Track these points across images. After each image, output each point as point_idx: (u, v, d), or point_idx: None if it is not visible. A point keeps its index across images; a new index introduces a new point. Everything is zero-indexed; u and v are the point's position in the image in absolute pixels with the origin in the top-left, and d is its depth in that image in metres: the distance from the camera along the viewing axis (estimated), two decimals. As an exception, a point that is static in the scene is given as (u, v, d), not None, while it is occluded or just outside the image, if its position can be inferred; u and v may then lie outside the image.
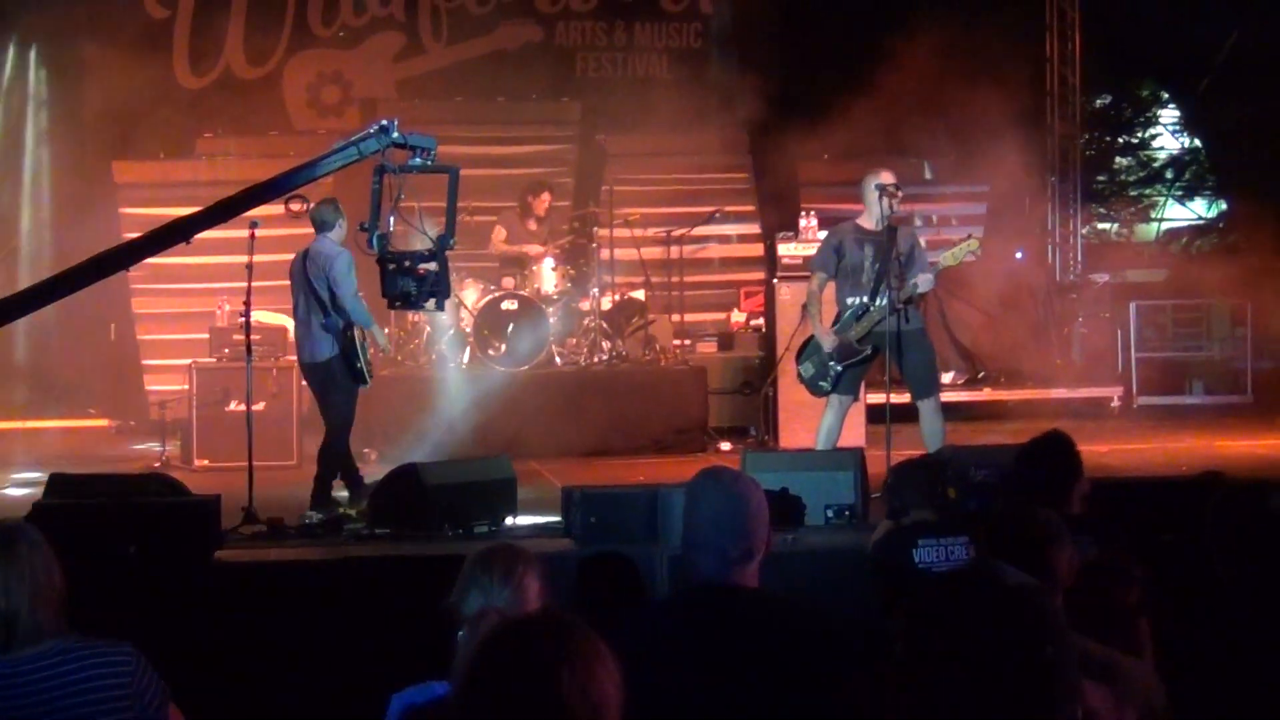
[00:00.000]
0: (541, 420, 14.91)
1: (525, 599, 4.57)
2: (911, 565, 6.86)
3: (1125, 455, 14.07)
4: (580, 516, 8.87)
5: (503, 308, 15.32)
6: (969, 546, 6.89)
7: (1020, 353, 18.53)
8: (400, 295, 7.98)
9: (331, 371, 11.48)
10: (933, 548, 6.93)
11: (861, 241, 11.62)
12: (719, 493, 4.69)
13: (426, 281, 7.94)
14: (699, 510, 4.68)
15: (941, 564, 6.82)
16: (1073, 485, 6.76)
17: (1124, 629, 4.87)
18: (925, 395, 11.59)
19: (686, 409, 15.48)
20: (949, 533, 6.88)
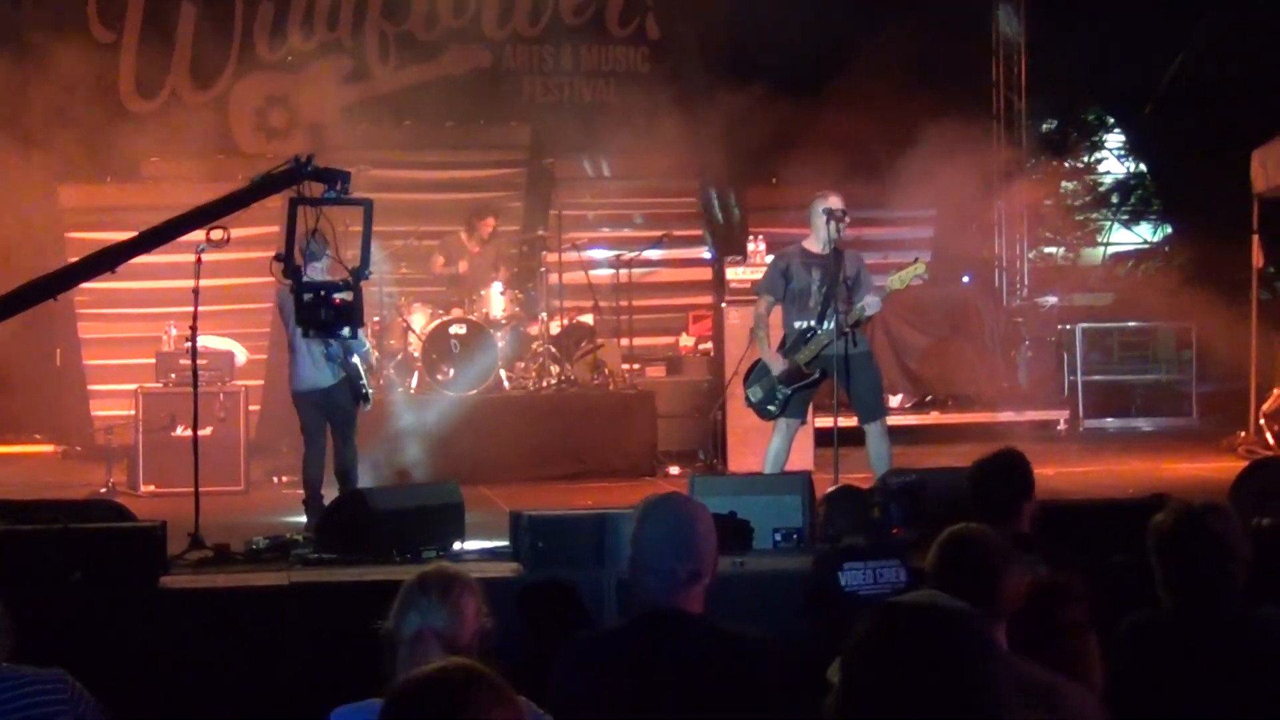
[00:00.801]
0: (490, 445, 14.90)
1: (463, 618, 4.57)
2: (838, 588, 6.90)
3: (1072, 478, 14.14)
4: (528, 541, 8.86)
5: (451, 332, 15.31)
6: (900, 570, 6.93)
7: (967, 376, 18.63)
8: (316, 323, 8.19)
9: (333, 397, 12.00)
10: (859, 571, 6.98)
11: (808, 265, 11.69)
12: (667, 515, 4.71)
13: (342, 310, 8.08)
14: (647, 532, 4.70)
15: (870, 587, 6.86)
16: (1024, 503, 6.80)
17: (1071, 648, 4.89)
18: (872, 418, 11.65)
19: (635, 433, 15.48)
20: (878, 556, 6.91)
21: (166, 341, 14.82)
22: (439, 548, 9.56)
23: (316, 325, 8.23)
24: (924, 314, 18.62)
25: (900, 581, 7.04)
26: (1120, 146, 27.99)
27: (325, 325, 8.22)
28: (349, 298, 8.16)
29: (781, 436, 11.76)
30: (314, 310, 8.13)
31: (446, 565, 4.97)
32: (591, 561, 8.59)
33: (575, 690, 4.61)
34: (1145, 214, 27.86)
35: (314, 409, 12.14)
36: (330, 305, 8.13)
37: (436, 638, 4.43)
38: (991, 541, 5.08)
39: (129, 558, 8.64)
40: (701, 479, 10.54)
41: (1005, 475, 6.90)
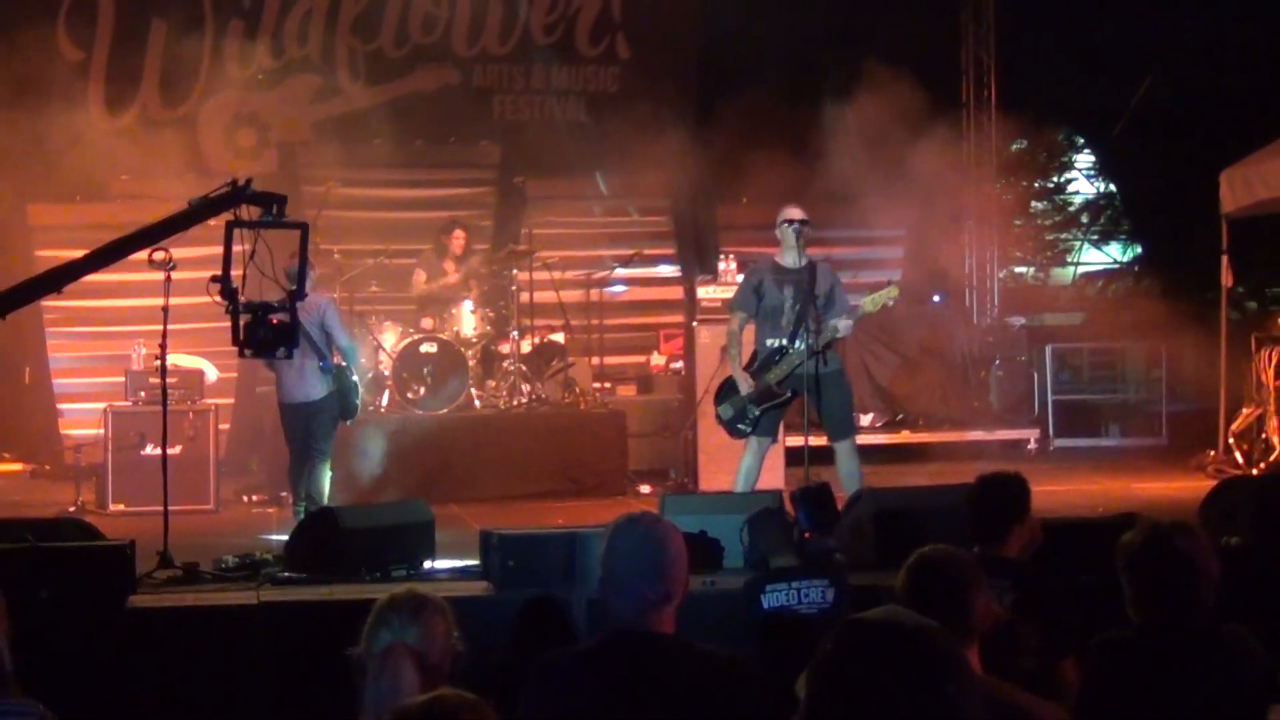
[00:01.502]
0: (460, 463, 14.89)
1: (433, 636, 4.57)
2: (760, 610, 6.91)
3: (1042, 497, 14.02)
4: (498, 560, 8.86)
5: (422, 351, 15.30)
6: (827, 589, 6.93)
7: (938, 395, 18.69)
8: (253, 343, 8.36)
9: (321, 408, 12.52)
10: (782, 592, 6.98)
11: (781, 282, 11.72)
12: (638, 536, 4.71)
13: (279, 330, 8.21)
14: (617, 554, 4.71)
15: (794, 607, 6.86)
16: (1009, 528, 6.80)
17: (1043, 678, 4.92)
18: (842, 436, 11.68)
19: (606, 452, 15.49)
20: (803, 576, 6.92)
21: (135, 360, 14.79)
22: (409, 566, 9.55)
23: (255, 345, 8.38)
24: (895, 333, 18.67)
25: (826, 602, 7.04)
26: (1090, 167, 28.12)
27: (264, 345, 8.34)
28: (286, 318, 8.34)
29: (752, 455, 11.79)
30: (253, 330, 8.24)
31: (416, 587, 4.97)
32: (562, 581, 8.60)
33: (546, 711, 4.61)
34: (1115, 234, 27.97)
35: (301, 422, 12.51)
36: (268, 325, 8.25)
37: (408, 651, 4.43)
38: (960, 563, 5.09)
39: (97, 577, 8.62)
40: (672, 497, 10.56)
41: (994, 497, 6.93)
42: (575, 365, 16.77)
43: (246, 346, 8.40)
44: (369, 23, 18.93)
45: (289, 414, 12.68)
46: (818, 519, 7.63)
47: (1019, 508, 6.88)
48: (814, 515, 7.61)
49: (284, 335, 8.34)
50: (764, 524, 7.83)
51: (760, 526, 7.99)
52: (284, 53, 18.74)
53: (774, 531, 7.57)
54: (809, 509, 7.66)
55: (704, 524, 9.27)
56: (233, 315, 8.33)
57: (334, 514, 9.93)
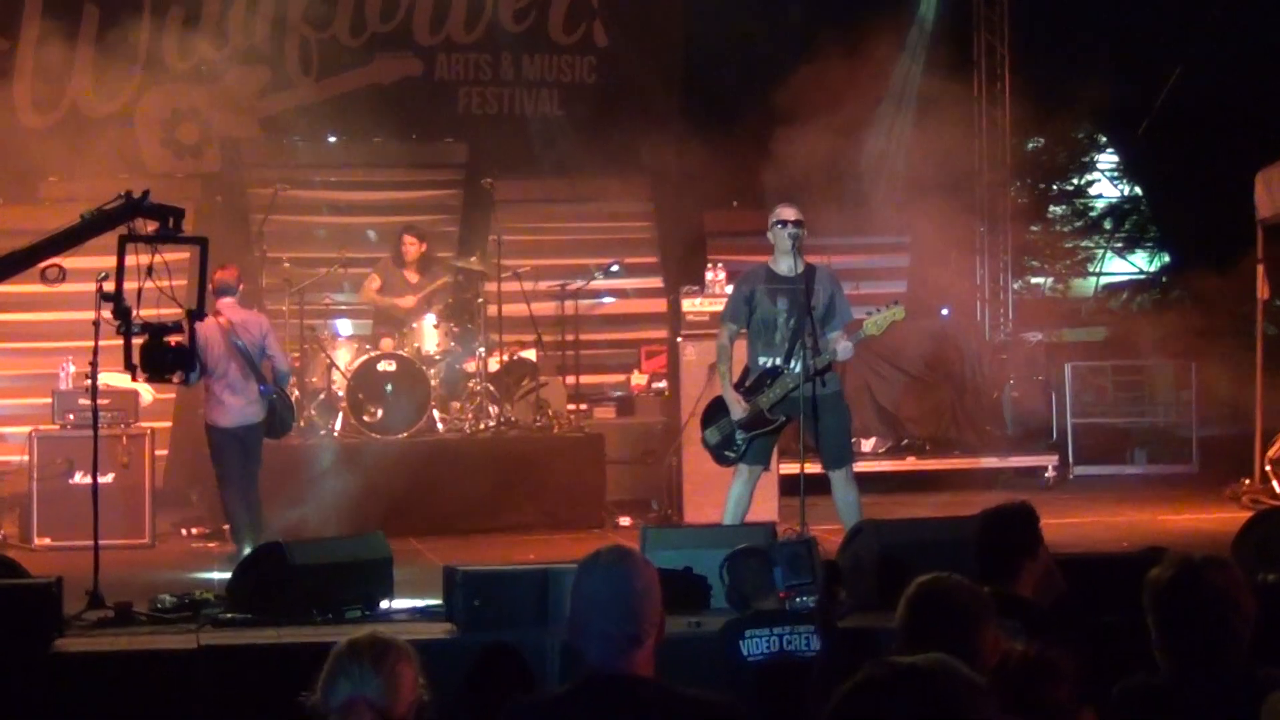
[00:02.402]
0: (421, 493, 14.86)
1: (398, 688, 4.56)
2: (739, 658, 6.91)
3: (1061, 530, 14.14)
4: (463, 599, 8.83)
5: (379, 369, 15.27)
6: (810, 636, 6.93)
7: (946, 418, 18.69)
8: (149, 367, 8.42)
9: (260, 433, 13.38)
10: (763, 638, 6.98)
11: (775, 292, 11.66)
12: (602, 572, 4.71)
13: (178, 352, 8.29)
14: (582, 592, 4.71)
15: (776, 655, 6.86)
16: (1020, 564, 6.79)
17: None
18: (837, 465, 11.64)
19: (582, 480, 15.47)
20: (785, 622, 6.92)
21: (64, 379, 14.74)
22: (364, 607, 9.53)
23: (151, 369, 8.46)
24: (899, 351, 18.67)
25: (809, 650, 7.04)
26: (1114, 168, 28.18)
27: (159, 369, 8.43)
28: (183, 339, 8.44)
29: (742, 484, 11.75)
30: (149, 353, 8.34)
31: (380, 631, 4.95)
32: (533, 622, 8.58)
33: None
34: (1141, 241, 28.06)
35: (239, 447, 13.00)
36: (165, 347, 8.34)
37: (369, 707, 4.41)
38: (966, 594, 5.07)
39: (20, 618, 8.58)
40: (654, 531, 10.54)
41: (1000, 531, 6.91)
42: (548, 385, 16.75)
43: (142, 370, 8.44)
44: (322, 9, 18.94)
45: (228, 440, 13.02)
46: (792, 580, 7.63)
47: (1029, 542, 6.87)
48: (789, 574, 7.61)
49: (182, 359, 8.38)
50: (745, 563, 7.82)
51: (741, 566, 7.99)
52: (229, 42, 18.73)
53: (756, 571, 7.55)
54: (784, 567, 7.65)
55: (689, 560, 9.26)
56: (125, 336, 8.40)
57: (282, 549, 9.89)
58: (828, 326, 11.55)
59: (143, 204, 8.30)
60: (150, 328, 8.41)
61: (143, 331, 8.40)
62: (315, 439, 15.18)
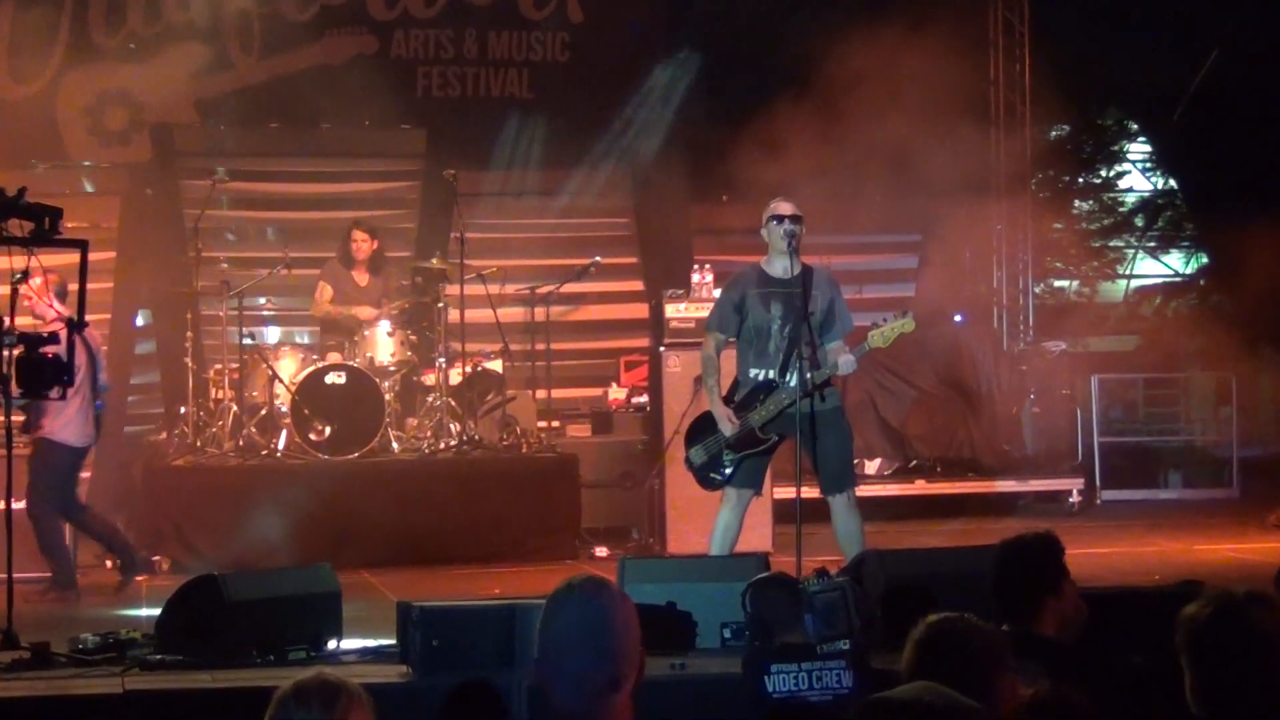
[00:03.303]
0: (374, 520, 14.86)
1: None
2: (764, 694, 6.92)
3: (1085, 561, 14.07)
4: (420, 639, 8.82)
5: (328, 382, 15.25)
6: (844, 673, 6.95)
7: (959, 437, 18.70)
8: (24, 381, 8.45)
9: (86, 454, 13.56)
10: (791, 674, 7.00)
11: (768, 297, 11.63)
12: (574, 608, 4.70)
13: (54, 367, 8.34)
14: (552, 629, 4.70)
15: (805, 692, 6.89)
16: (1041, 600, 6.79)
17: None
18: (837, 489, 11.60)
19: (553, 506, 15.46)
20: (813, 657, 6.93)
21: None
22: (309, 647, 9.51)
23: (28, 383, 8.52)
24: (907, 362, 18.69)
25: (842, 688, 7.05)
26: (1145, 158, 28.20)
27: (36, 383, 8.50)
28: (61, 351, 8.51)
29: (732, 510, 11.73)
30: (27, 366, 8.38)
31: (328, 673, 4.94)
32: (498, 663, 8.57)
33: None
34: (1176, 240, 28.06)
35: (77, 468, 13.35)
36: (42, 360, 8.36)
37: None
38: (980, 636, 5.07)
39: (-77, 660, 8.56)
40: (634, 562, 10.53)
41: (1021, 564, 6.90)
42: (516, 400, 16.75)
43: (18, 385, 8.44)
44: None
45: (75, 460, 13.35)
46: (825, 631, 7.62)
47: (1052, 576, 6.87)
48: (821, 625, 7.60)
49: (59, 372, 8.40)
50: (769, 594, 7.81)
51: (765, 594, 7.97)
52: (161, 16, 18.68)
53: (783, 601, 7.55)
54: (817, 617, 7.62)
55: (673, 594, 9.26)
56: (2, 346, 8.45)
57: (217, 583, 9.87)
58: (826, 335, 11.52)
59: (17, 203, 8.23)
60: (26, 338, 8.39)
61: (19, 343, 8.39)
62: (255, 460, 15.15)
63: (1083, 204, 27.48)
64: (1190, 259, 27.97)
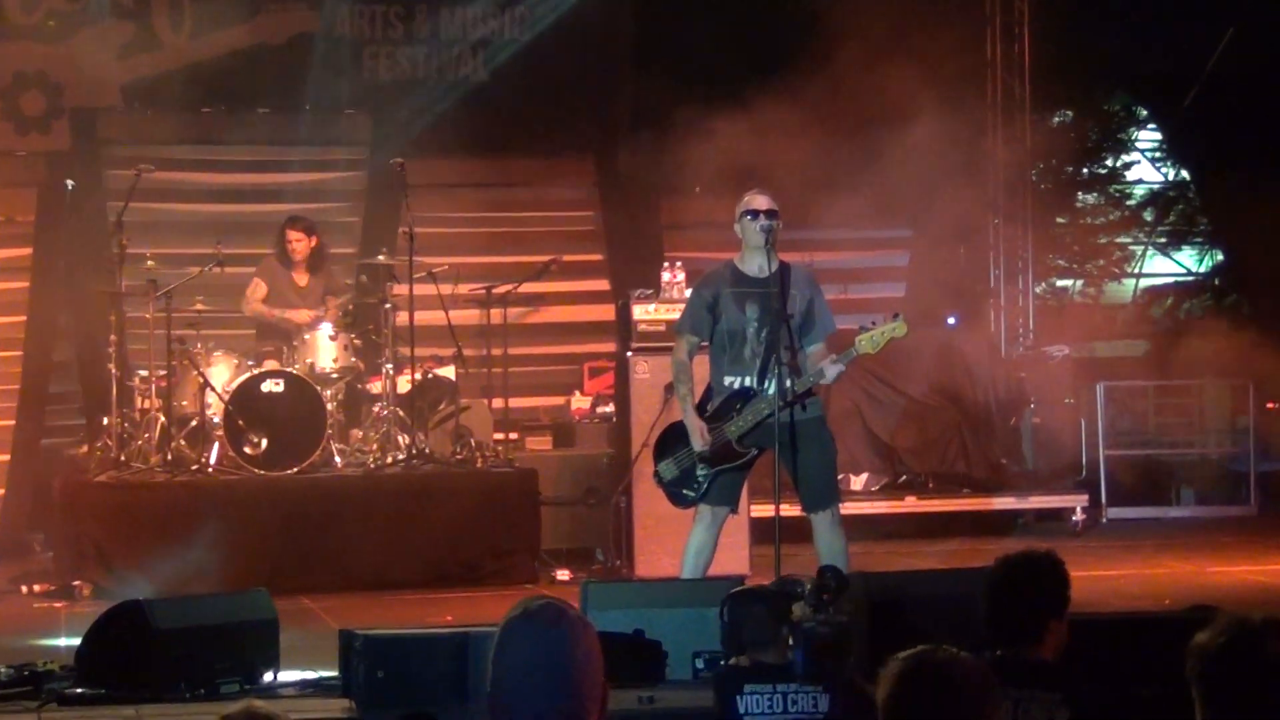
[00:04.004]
0: (314, 541, 14.86)
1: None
2: (735, 716, 6.95)
3: (1091, 585, 14.21)
4: (364, 670, 8.83)
5: (264, 390, 15.23)
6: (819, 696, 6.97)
7: (953, 450, 18.70)
8: None
9: None
10: (765, 696, 7.03)
11: (743, 298, 11.63)
12: (530, 636, 4.68)
13: None
14: (506, 659, 4.68)
15: (778, 715, 6.92)
16: (1046, 625, 6.81)
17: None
18: (820, 505, 11.60)
19: (511, 525, 15.45)
20: (789, 679, 6.97)
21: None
22: (243, 679, 9.52)
23: None
24: (897, 368, 18.67)
25: (818, 712, 7.08)
26: (1155, 147, 28.26)
27: None
28: None
29: (705, 529, 11.72)
30: None
31: (260, 706, 4.92)
32: (449, 697, 8.58)
33: None
34: (1188, 236, 28.09)
35: None
36: None
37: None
38: (968, 673, 5.05)
39: None
40: (598, 586, 10.56)
41: (1027, 583, 6.91)
42: (470, 409, 16.74)
43: None
44: (197, -50, 18.87)
45: None
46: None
47: (1058, 598, 6.88)
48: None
49: None
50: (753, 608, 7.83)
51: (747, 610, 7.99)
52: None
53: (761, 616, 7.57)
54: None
55: (641, 621, 9.27)
56: None
57: (143, 609, 9.86)
58: (806, 339, 11.52)
59: None
60: None
61: None
62: (185, 475, 15.12)
63: (1087, 197, 27.49)
64: (1204, 256, 28.01)
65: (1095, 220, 27.43)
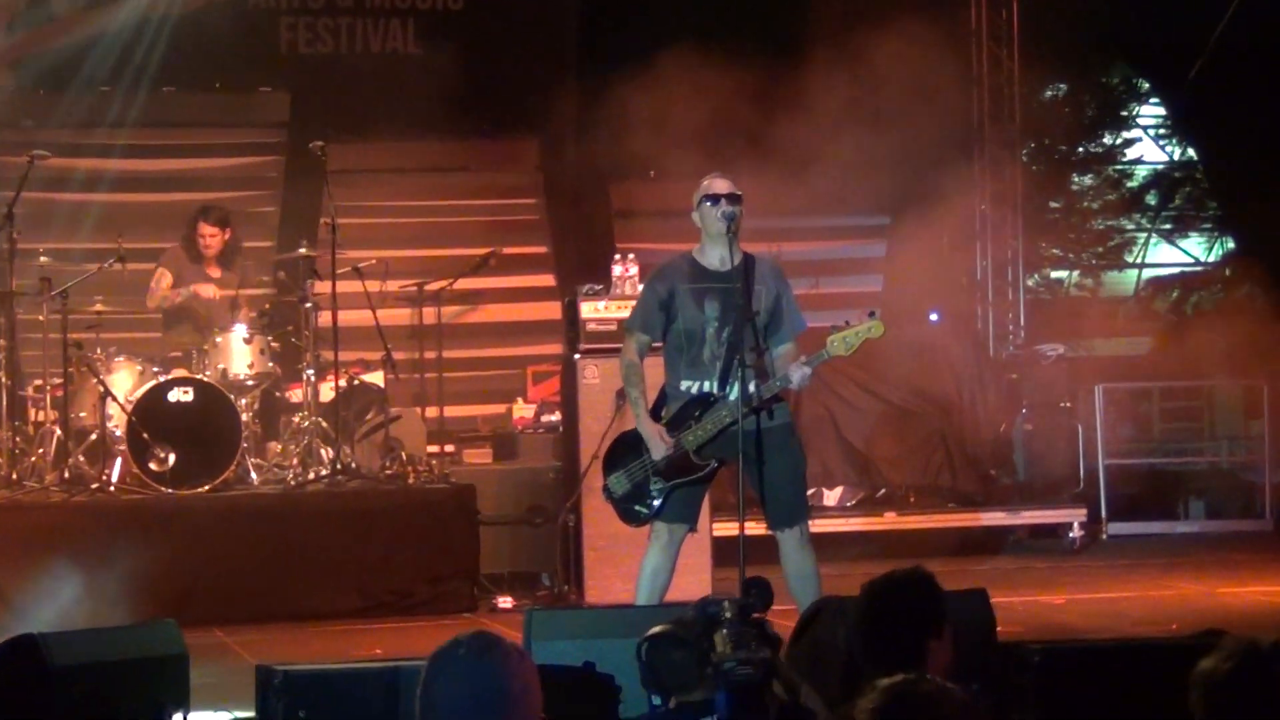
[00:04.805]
0: (228, 567, 14.83)
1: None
2: None
3: (1090, 609, 14.28)
4: (283, 709, 8.82)
5: (171, 400, 15.22)
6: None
7: (936, 460, 18.73)
8: None
9: None
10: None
11: (701, 294, 11.59)
12: (458, 668, 4.70)
13: None
14: (434, 697, 4.69)
15: None
16: (926, 646, 6.86)
17: None
18: (788, 523, 11.58)
19: (447, 547, 15.45)
20: None
21: None
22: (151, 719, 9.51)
23: None
24: (874, 370, 18.70)
25: None
26: (1159, 123, 28.36)
27: None
28: None
29: (662, 550, 11.71)
30: None
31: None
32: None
33: None
34: (1196, 222, 28.21)
35: None
36: None
37: None
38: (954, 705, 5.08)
39: None
40: (544, 614, 10.56)
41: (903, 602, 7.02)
42: (401, 419, 16.74)
43: None
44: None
45: None
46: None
47: (936, 615, 6.96)
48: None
49: None
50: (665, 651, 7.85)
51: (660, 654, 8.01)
52: (-39, -47, 18.66)
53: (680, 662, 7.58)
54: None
55: (591, 653, 9.27)
56: None
57: (37, 643, 9.84)
58: (773, 338, 11.50)
59: None
60: None
61: None
62: (84, 495, 15.09)
63: (1083, 178, 27.62)
64: (1213, 244, 28.13)
65: (1092, 204, 27.54)
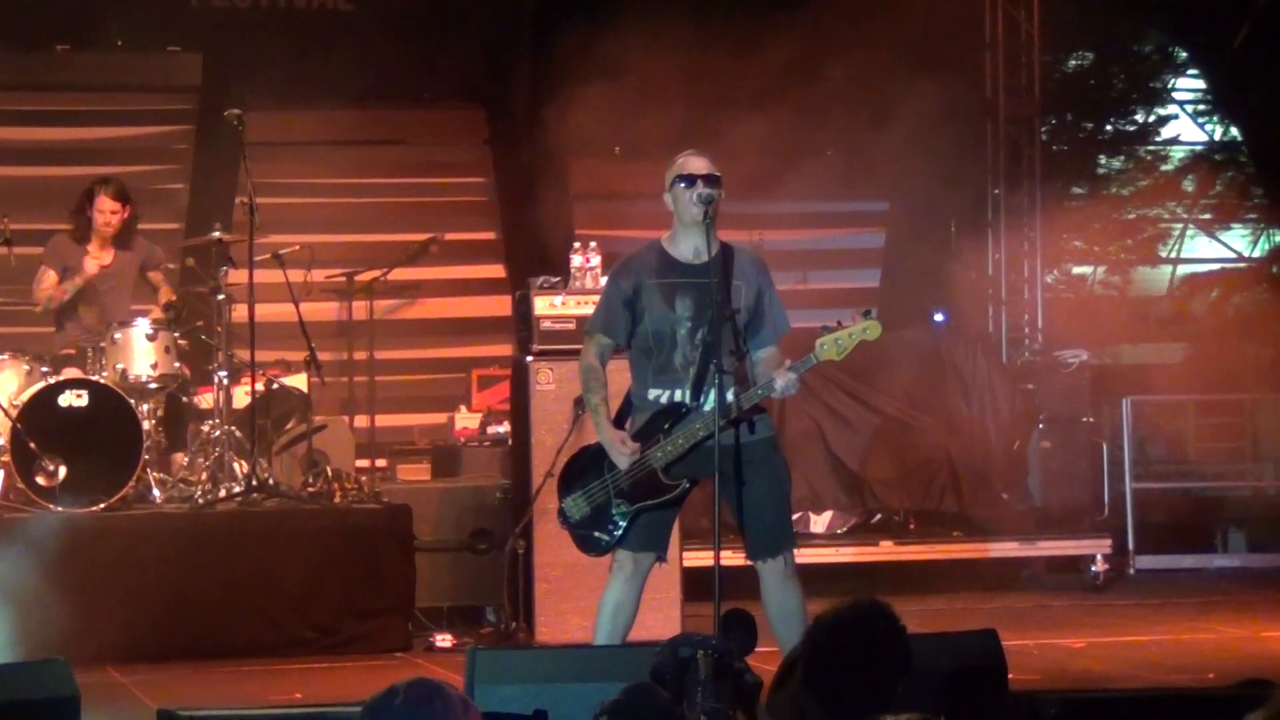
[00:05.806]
0: (126, 596, 14.81)
1: None
2: None
3: (1114, 652, 14.30)
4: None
5: (62, 404, 15.20)
6: None
7: (940, 481, 18.76)
8: None
9: None
10: None
11: (672, 289, 11.54)
12: (396, 719, 4.71)
13: None
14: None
15: None
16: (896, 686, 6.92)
17: None
18: (770, 552, 11.55)
19: (378, 577, 15.45)
20: None
21: None
22: (36, 771, 9.51)
23: None
24: (870, 378, 18.73)
25: None
26: (1197, 98, 28.42)
27: None
28: None
29: (625, 582, 11.69)
30: None
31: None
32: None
33: None
34: (1238, 212, 28.26)
35: None
36: None
37: None
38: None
39: None
40: (489, 655, 10.55)
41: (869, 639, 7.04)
42: (326, 429, 16.73)
43: None
44: None
45: None
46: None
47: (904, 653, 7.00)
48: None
49: None
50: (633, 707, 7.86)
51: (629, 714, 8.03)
52: None
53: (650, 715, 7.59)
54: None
55: (543, 699, 9.28)
56: None
57: (-93, 683, 9.85)
58: (754, 340, 11.47)
59: None
60: None
61: None
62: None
63: (1111, 161, 27.67)
64: (1258, 237, 28.19)
65: (1121, 190, 27.58)
